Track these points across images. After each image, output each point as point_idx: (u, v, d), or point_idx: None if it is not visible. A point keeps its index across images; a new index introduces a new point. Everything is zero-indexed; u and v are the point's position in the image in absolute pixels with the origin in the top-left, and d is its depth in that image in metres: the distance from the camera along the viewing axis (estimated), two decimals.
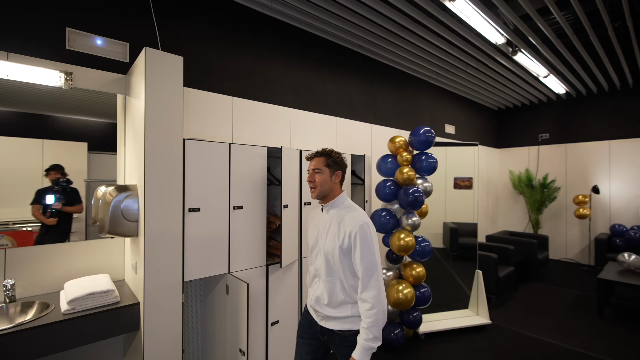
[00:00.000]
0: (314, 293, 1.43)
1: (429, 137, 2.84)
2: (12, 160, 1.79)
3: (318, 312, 1.42)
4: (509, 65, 4.24)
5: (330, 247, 1.36)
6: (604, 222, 5.42)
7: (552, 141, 6.06)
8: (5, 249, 1.72)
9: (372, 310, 1.25)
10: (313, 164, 1.43)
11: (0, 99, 1.75)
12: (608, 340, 2.97)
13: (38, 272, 1.80)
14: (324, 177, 1.40)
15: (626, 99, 5.30)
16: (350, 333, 1.35)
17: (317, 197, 1.42)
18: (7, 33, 1.76)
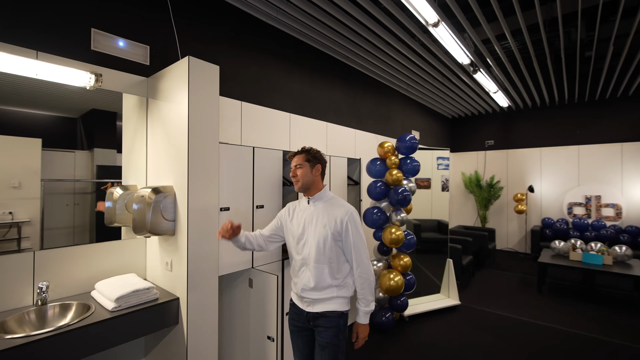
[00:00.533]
0: (300, 281, 1.56)
1: (414, 144, 3.25)
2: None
3: (305, 299, 1.55)
4: (468, 81, 4.89)
5: (321, 235, 1.50)
6: (536, 216, 6.45)
7: (496, 147, 7.00)
8: (34, 251, 1.69)
9: (365, 282, 1.51)
10: (295, 161, 1.60)
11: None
12: (546, 310, 3.67)
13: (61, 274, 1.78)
14: (304, 171, 1.57)
15: (554, 113, 6.38)
16: (335, 314, 1.51)
17: (300, 188, 1.58)
18: (35, 31, 1.72)
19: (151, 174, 2.09)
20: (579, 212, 5.98)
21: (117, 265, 2.00)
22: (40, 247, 1.76)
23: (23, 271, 1.65)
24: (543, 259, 4.34)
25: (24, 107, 1.77)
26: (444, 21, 2.85)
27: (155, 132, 2.05)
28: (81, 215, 1.97)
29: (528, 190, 6.41)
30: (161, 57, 2.25)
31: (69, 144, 1.93)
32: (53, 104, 1.86)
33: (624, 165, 5.66)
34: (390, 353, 2.77)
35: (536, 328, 3.23)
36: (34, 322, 1.55)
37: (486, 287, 4.46)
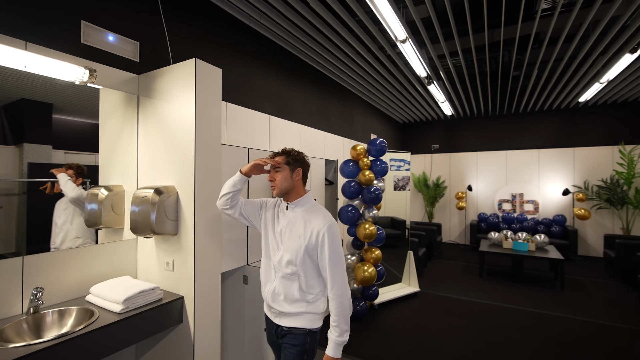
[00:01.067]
0: (270, 288, 1.42)
1: (384, 147, 3.58)
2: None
3: (273, 309, 1.41)
4: (421, 91, 5.44)
5: (295, 246, 1.35)
6: (474, 212, 7.36)
7: (441, 150, 7.81)
8: (23, 256, 1.58)
9: (339, 308, 1.30)
10: (273, 163, 1.46)
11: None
12: (488, 291, 4.30)
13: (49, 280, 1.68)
14: (284, 175, 1.41)
15: (488, 122, 7.36)
16: (301, 331, 1.37)
17: (278, 194, 1.43)
18: (24, 20, 1.60)
19: (144, 174, 2.04)
20: (507, 208, 7.00)
21: (107, 269, 1.93)
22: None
23: (12, 278, 1.53)
24: (482, 248, 5.04)
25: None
26: (411, 38, 3.21)
27: (150, 131, 2.01)
28: (5, 221, 1.61)
29: (467, 189, 7.29)
30: (150, 55, 2.20)
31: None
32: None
33: (540, 168, 6.78)
34: (366, 337, 3.03)
35: (481, 306, 3.79)
36: (33, 330, 1.46)
37: (438, 275, 5.03)
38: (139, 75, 2.06)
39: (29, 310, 1.52)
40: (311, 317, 1.38)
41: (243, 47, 3.03)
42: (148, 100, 2.02)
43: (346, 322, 1.31)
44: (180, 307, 1.82)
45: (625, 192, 5.74)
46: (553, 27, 3.24)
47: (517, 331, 3.16)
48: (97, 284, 1.77)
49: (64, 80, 1.71)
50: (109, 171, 2.02)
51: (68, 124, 1.87)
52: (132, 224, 1.83)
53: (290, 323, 1.38)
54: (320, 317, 1.41)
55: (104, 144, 2.00)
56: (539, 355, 2.72)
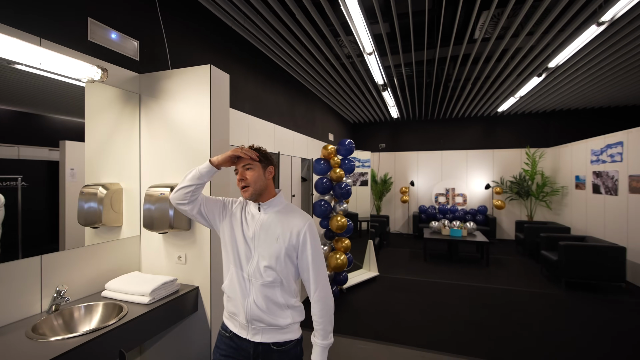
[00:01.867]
0: (247, 303, 1.22)
1: (352, 147, 3.98)
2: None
3: (254, 325, 1.22)
4: (375, 96, 6.00)
5: (273, 249, 1.22)
6: (415, 205, 8.30)
7: (387, 149, 8.60)
8: (41, 255, 1.57)
9: (324, 309, 1.22)
10: (243, 161, 1.26)
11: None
12: (431, 271, 5.04)
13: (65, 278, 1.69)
14: (256, 174, 1.24)
15: (427, 125, 8.33)
16: (290, 344, 1.24)
17: (252, 196, 1.24)
18: (39, 16, 1.57)
19: (147, 172, 2.09)
20: (442, 200, 8.06)
21: (113, 266, 1.96)
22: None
23: (32, 277, 1.52)
24: (426, 236, 5.82)
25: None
26: (377, 50, 3.65)
27: (155, 130, 2.06)
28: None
29: (410, 185, 8.19)
30: (150, 54, 2.22)
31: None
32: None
33: (468, 166, 7.95)
34: (341, 317, 3.41)
35: (428, 283, 4.47)
36: (64, 325, 1.49)
37: (390, 261, 5.67)
38: (141, 74, 2.09)
39: (51, 309, 1.53)
40: (297, 327, 1.27)
41: (226, 49, 3.13)
42: (153, 100, 2.07)
43: (331, 323, 1.24)
44: (195, 297, 1.95)
45: (529, 186, 7.11)
46: (476, 50, 3.98)
47: (456, 300, 3.85)
48: (111, 281, 1.81)
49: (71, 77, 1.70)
50: (98, 168, 1.97)
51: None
52: (146, 220, 1.90)
53: (280, 338, 1.22)
54: (299, 323, 1.31)
55: (94, 140, 1.92)
56: (475, 316, 3.40)
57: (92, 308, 1.62)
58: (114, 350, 1.42)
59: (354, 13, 2.76)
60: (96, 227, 2.00)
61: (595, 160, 5.38)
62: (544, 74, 4.56)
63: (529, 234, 5.87)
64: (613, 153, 4.89)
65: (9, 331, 1.36)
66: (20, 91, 1.58)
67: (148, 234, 2.08)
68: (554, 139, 7.32)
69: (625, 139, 4.63)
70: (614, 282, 4.09)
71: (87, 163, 1.91)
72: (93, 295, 1.77)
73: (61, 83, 1.71)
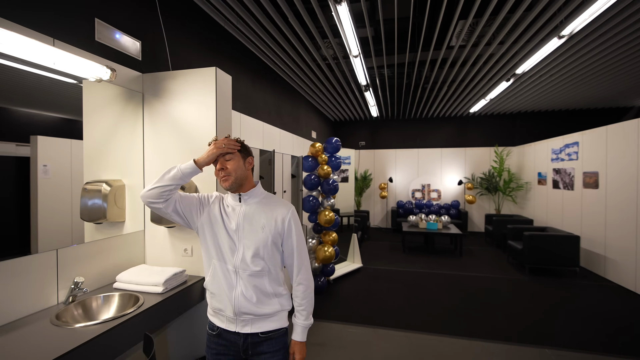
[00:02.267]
0: (235, 295, 1.22)
1: (338, 145, 4.17)
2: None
3: (242, 317, 1.22)
4: (358, 95, 6.23)
5: (259, 238, 1.22)
6: (393, 200, 8.67)
7: (367, 147, 8.89)
8: (57, 249, 1.62)
9: (307, 291, 1.28)
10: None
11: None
12: (411, 262, 5.37)
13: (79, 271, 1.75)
14: (237, 164, 1.23)
15: (405, 124, 8.69)
16: (279, 333, 1.27)
17: (231, 186, 1.23)
18: (52, 17, 1.61)
19: (151, 169, 2.16)
20: (419, 196, 8.48)
21: (120, 259, 2.02)
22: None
23: (49, 271, 1.58)
24: (405, 229, 6.16)
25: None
26: (362, 53, 3.85)
27: (159, 129, 2.13)
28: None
29: (389, 181, 8.53)
30: (151, 53, 2.28)
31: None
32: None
33: (442, 163, 8.40)
34: (330, 305, 3.62)
35: (408, 273, 4.78)
36: (84, 314, 1.57)
37: (372, 253, 5.95)
38: (144, 74, 2.15)
39: (68, 299, 1.60)
40: (284, 315, 1.30)
41: (219, 48, 3.20)
42: (156, 99, 2.14)
43: (312, 304, 1.30)
44: (201, 287, 2.06)
45: (497, 182, 7.66)
46: (453, 55, 4.29)
47: (435, 287, 4.18)
48: (121, 273, 1.88)
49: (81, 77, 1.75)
50: (97, 165, 1.99)
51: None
52: (154, 214, 1.98)
53: (268, 326, 1.24)
54: (287, 313, 1.33)
55: (92, 137, 1.93)
56: (451, 300, 3.73)
57: (110, 298, 1.70)
58: (135, 335, 1.52)
59: (344, 19, 2.93)
60: (99, 223, 2.05)
61: (555, 159, 5.93)
62: (512, 79, 4.97)
63: (497, 226, 6.37)
64: (570, 152, 5.42)
65: (33, 321, 1.43)
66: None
67: (153, 229, 2.16)
68: (519, 139, 7.91)
69: (580, 139, 5.16)
70: (570, 267, 4.59)
71: (86, 160, 1.91)
72: (104, 287, 1.84)
73: (32, 76, 1.57)
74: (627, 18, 3.16)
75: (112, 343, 1.40)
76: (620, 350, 2.67)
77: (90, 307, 1.62)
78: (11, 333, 1.32)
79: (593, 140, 4.83)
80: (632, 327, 3.10)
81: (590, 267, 4.86)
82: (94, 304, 1.64)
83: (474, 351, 2.68)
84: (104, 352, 1.35)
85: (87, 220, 1.99)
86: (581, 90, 5.73)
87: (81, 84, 1.82)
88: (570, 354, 2.62)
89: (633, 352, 2.65)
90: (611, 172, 4.41)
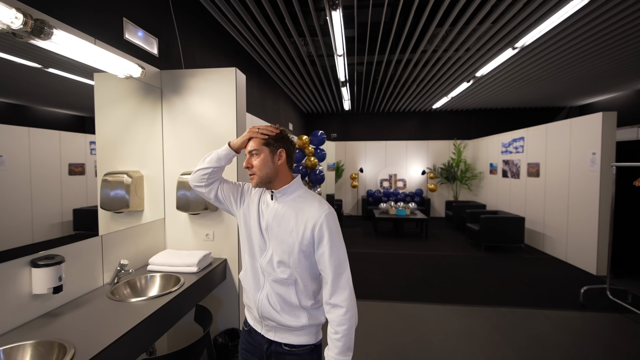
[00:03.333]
0: (260, 298, 1.14)
1: (323, 138, 4.47)
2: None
3: (266, 322, 1.15)
4: (334, 90, 6.54)
5: (286, 244, 1.10)
6: (363, 189, 9.21)
7: (339, 139, 9.29)
8: (102, 235, 1.76)
9: (346, 315, 1.04)
10: (249, 146, 1.15)
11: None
12: (383, 245, 5.91)
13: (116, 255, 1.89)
14: (263, 159, 1.12)
15: (374, 118, 9.21)
16: (305, 349, 1.13)
17: (259, 184, 1.14)
18: (90, 16, 1.70)
19: (171, 161, 2.30)
20: (386, 185, 9.10)
21: (146, 245, 2.17)
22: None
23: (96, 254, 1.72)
24: (377, 215, 6.69)
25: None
26: (346, 52, 4.16)
27: (178, 123, 2.28)
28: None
29: (359, 171, 9.04)
30: (166, 50, 2.38)
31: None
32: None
33: (407, 155, 9.08)
34: None
35: (382, 255, 5.30)
36: (132, 292, 1.74)
37: (348, 239, 6.40)
38: (162, 70, 2.27)
39: (114, 280, 1.76)
40: (314, 330, 1.15)
41: (213, 41, 3.31)
42: (176, 95, 2.27)
43: (351, 339, 1.05)
44: (224, 267, 2.28)
45: (455, 172, 8.50)
46: (418, 57, 4.79)
47: (408, 265, 4.72)
48: (154, 256, 2.05)
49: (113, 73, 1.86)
50: (113, 157, 2.06)
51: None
52: (181, 203, 2.16)
53: (293, 340, 1.12)
54: (320, 328, 1.19)
55: (105, 130, 1.98)
56: (424, 275, 4.29)
57: (153, 278, 1.87)
58: (185, 307, 1.74)
59: (335, 23, 3.21)
60: (120, 212, 2.17)
61: (505, 151, 6.79)
62: (472, 80, 5.61)
63: (456, 211, 7.15)
64: (517, 145, 6.27)
65: (93, 298, 1.58)
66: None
67: (173, 217, 2.32)
68: (474, 133, 8.81)
69: (525, 134, 6.00)
70: (516, 244, 5.42)
71: (99, 153, 1.95)
72: (139, 270, 2.00)
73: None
74: (563, 38, 3.82)
75: (169, 314, 1.61)
76: (554, 305, 3.37)
77: (135, 286, 1.79)
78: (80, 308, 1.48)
79: (536, 136, 5.66)
80: (564, 287, 3.86)
81: (532, 244, 5.75)
82: (138, 284, 1.81)
83: (447, 314, 3.21)
84: (168, 319, 1.56)
85: (108, 209, 2.09)
86: (527, 91, 6.59)
87: (92, 80, 1.80)
88: (520, 310, 3.25)
89: (565, 305, 3.36)
90: (550, 163, 5.25)
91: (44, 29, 1.28)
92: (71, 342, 1.17)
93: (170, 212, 2.32)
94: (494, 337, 2.75)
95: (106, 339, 1.20)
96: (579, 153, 4.57)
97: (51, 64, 1.56)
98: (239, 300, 2.30)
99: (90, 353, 1.11)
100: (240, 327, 2.32)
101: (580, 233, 4.54)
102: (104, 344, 1.16)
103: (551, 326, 2.93)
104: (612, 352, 2.53)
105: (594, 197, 4.26)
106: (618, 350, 2.55)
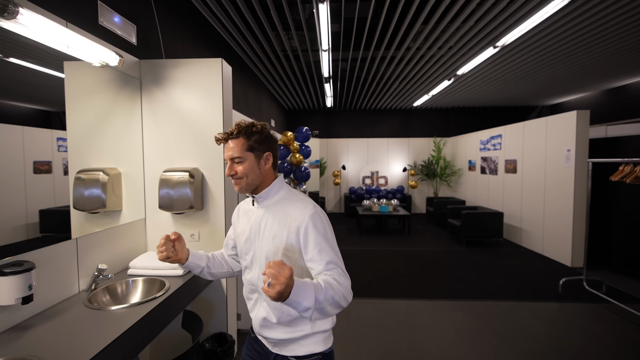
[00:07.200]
0: (256, 315, 1.08)
1: (308, 135, 4.40)
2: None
3: (269, 339, 1.08)
4: (317, 87, 6.47)
5: (270, 250, 1.03)
6: (346, 186, 9.21)
7: (321, 136, 9.23)
8: (76, 238, 1.60)
9: (342, 286, 0.93)
10: (230, 152, 1.04)
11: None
12: (367, 242, 5.93)
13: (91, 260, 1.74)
14: (248, 166, 1.03)
15: (356, 115, 9.22)
16: (313, 358, 1.06)
17: (243, 190, 1.06)
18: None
19: (152, 157, 2.15)
20: (368, 182, 9.15)
21: (125, 247, 2.02)
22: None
23: (71, 258, 1.57)
24: (361, 212, 6.70)
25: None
26: (331, 47, 4.10)
27: (160, 116, 2.13)
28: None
29: (342, 169, 9.03)
30: (144, 39, 2.22)
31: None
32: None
33: (389, 152, 9.17)
34: None
35: (368, 252, 5.31)
36: (112, 298, 1.60)
37: None
38: (140, 60, 2.11)
39: (91, 287, 1.61)
40: (320, 338, 1.07)
41: (195, 33, 3.15)
42: (156, 86, 2.12)
43: (333, 305, 0.89)
44: None
45: (435, 169, 8.68)
46: (402, 54, 4.83)
47: (393, 261, 4.76)
48: (134, 260, 1.91)
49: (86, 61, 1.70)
50: (86, 153, 1.89)
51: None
52: (164, 202, 2.02)
53: (299, 350, 1.05)
54: (330, 334, 1.11)
55: (78, 124, 1.81)
56: (409, 271, 4.33)
57: (135, 283, 1.73)
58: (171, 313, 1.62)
59: (322, 17, 3.14)
60: (96, 212, 2.01)
61: (483, 148, 6.99)
62: (452, 79, 5.72)
63: (437, 207, 7.30)
64: (495, 143, 6.47)
65: (68, 307, 1.44)
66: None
67: (155, 216, 2.18)
68: (453, 131, 9.02)
69: (503, 132, 6.19)
70: (495, 238, 5.60)
71: (71, 149, 1.78)
72: (118, 274, 1.85)
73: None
74: (540, 39, 3.94)
75: (154, 322, 1.49)
76: (535, 297, 3.49)
77: (115, 292, 1.65)
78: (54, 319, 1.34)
79: (513, 133, 5.86)
80: (542, 279, 4.02)
81: (510, 238, 5.96)
82: (119, 289, 1.67)
83: (436, 309, 3.24)
84: (154, 327, 1.45)
85: (82, 209, 1.92)
86: (503, 90, 6.81)
87: (62, 73, 1.62)
88: (503, 303, 3.34)
89: (545, 297, 3.48)
90: (526, 160, 5.45)
91: (8, 7, 1.13)
92: (43, 358, 1.04)
93: (152, 211, 2.18)
94: (481, 331, 2.80)
95: (83, 353, 1.07)
96: (555, 150, 4.76)
97: (12, 53, 1.39)
98: (226, 303, 2.19)
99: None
100: (228, 331, 2.22)
101: (556, 227, 4.75)
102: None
103: (533, 317, 3.02)
104: (591, 340, 2.64)
105: (569, 192, 4.46)
106: (597, 339, 2.66)
